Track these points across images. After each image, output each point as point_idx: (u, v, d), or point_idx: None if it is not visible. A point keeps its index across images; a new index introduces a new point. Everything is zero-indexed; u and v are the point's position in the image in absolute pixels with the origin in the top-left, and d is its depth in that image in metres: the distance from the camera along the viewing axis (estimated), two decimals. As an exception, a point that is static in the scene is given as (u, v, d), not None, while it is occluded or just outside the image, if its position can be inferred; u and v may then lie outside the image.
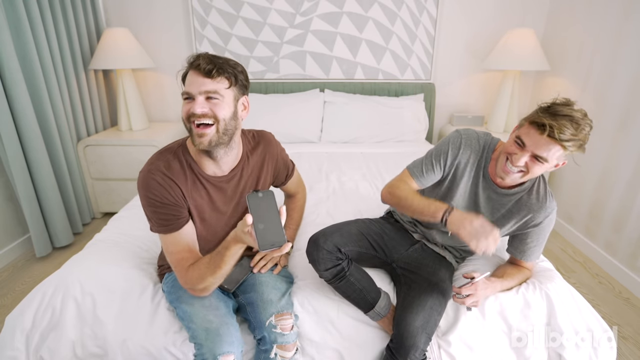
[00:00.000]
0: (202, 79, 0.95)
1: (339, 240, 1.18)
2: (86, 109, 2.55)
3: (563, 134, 0.95)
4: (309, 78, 2.89)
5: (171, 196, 1.02)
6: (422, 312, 1.12)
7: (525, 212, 1.14)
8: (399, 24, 2.76)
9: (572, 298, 1.23)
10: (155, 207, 1.02)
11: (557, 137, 0.95)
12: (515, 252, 1.24)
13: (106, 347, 1.15)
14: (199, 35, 2.76)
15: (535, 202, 1.13)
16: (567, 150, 0.98)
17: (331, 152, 2.52)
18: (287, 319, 1.09)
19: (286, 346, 1.07)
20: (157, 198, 1.01)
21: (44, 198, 2.15)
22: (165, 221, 1.03)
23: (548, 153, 0.99)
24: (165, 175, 1.01)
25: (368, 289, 1.20)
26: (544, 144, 0.98)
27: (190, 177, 1.06)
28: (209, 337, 0.99)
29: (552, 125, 0.95)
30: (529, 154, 1.01)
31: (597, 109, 2.21)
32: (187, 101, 0.98)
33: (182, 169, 1.05)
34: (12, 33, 1.95)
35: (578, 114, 0.98)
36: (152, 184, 1.00)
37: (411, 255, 1.31)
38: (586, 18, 2.34)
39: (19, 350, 1.13)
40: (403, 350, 1.09)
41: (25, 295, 1.20)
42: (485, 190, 1.18)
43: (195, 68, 0.95)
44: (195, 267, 1.02)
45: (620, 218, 2.04)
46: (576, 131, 0.96)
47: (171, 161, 1.04)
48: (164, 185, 1.01)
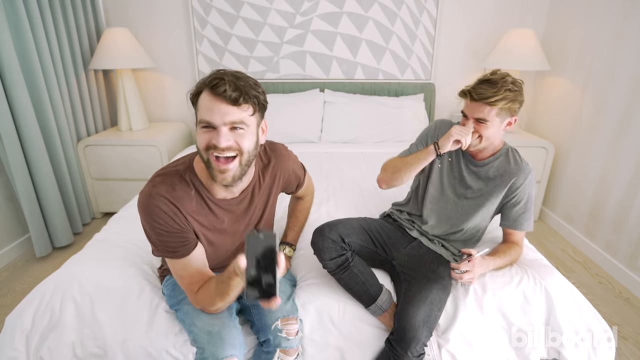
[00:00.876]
0: (226, 106, 0.84)
1: (343, 231, 1.23)
2: (86, 109, 2.55)
3: (482, 94, 1.13)
4: (309, 78, 2.89)
5: (176, 224, 0.93)
6: (424, 307, 1.13)
7: (507, 177, 1.27)
8: (399, 24, 2.76)
9: (571, 295, 1.23)
10: (160, 235, 0.94)
11: (478, 98, 1.14)
12: (508, 222, 1.31)
13: (106, 347, 1.15)
14: (199, 35, 2.76)
15: (514, 167, 1.27)
16: (496, 106, 1.14)
17: (331, 152, 2.52)
18: (293, 324, 1.09)
19: (289, 351, 1.08)
20: (162, 227, 0.92)
21: (44, 198, 2.15)
22: (171, 249, 0.96)
23: (483, 114, 1.16)
24: (169, 201, 0.92)
25: (370, 282, 1.23)
26: (475, 107, 1.18)
27: (197, 201, 0.97)
28: (212, 341, 0.98)
29: (469, 91, 1.16)
30: (471, 120, 1.20)
31: (597, 109, 2.21)
32: (206, 130, 0.87)
33: (187, 193, 0.95)
34: (12, 33, 1.95)
35: (497, 77, 1.15)
36: (154, 211, 0.91)
37: (410, 253, 1.34)
38: (586, 18, 2.34)
39: (19, 350, 1.13)
40: (404, 343, 1.10)
41: (25, 295, 1.20)
42: (466, 166, 1.33)
43: (219, 94, 0.83)
44: (205, 292, 0.97)
45: (620, 218, 2.04)
46: (495, 89, 1.12)
47: (176, 185, 0.94)
48: (168, 213, 0.91)
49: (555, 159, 2.58)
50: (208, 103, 0.85)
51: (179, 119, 3.03)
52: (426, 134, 1.37)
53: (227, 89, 0.83)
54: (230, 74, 0.86)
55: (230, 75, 0.86)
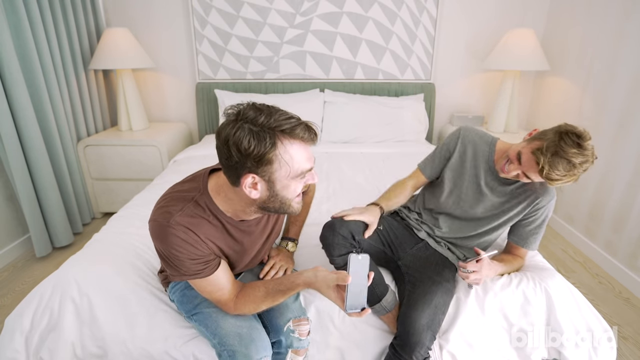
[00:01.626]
0: (310, 150, 0.85)
1: (354, 228, 1.21)
2: (86, 109, 2.55)
3: (552, 174, 1.04)
4: (309, 78, 2.89)
5: (198, 250, 0.89)
6: (428, 310, 1.13)
7: (532, 196, 1.22)
8: (399, 24, 2.76)
9: (572, 295, 1.23)
10: (182, 263, 0.89)
11: (546, 176, 1.05)
12: (518, 239, 1.29)
13: (106, 347, 1.15)
14: (199, 35, 2.76)
15: (540, 187, 1.22)
16: (553, 184, 1.07)
17: (331, 152, 2.52)
18: (305, 325, 1.10)
19: (300, 351, 1.09)
20: (183, 255, 0.88)
21: (44, 198, 2.15)
22: (195, 272, 0.92)
23: (537, 179, 1.11)
24: (187, 229, 0.87)
25: (377, 281, 1.21)
26: (534, 172, 1.09)
27: (215, 226, 0.93)
28: (243, 342, 0.95)
29: (544, 168, 1.04)
30: (522, 170, 1.12)
31: (597, 109, 2.21)
32: (301, 178, 0.85)
33: (205, 219, 0.90)
34: (12, 33, 1.95)
35: (579, 158, 1.02)
36: (173, 240, 0.86)
37: (416, 254, 1.33)
38: (586, 18, 2.34)
39: (19, 352, 1.13)
40: (408, 348, 1.09)
41: (25, 295, 1.20)
42: (491, 180, 1.27)
43: (308, 140, 0.81)
44: (248, 299, 0.97)
45: (620, 218, 2.04)
46: (567, 173, 1.03)
47: (192, 211, 0.89)
48: (188, 241, 0.87)
49: (556, 159, 2.57)
50: (301, 150, 0.82)
51: (179, 119, 3.03)
52: (448, 143, 1.32)
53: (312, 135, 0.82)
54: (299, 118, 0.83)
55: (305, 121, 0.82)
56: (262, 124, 0.76)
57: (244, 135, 0.76)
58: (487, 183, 1.27)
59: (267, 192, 0.84)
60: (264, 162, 0.78)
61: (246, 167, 0.79)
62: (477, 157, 1.28)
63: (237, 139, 0.76)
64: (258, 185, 0.82)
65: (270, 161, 0.78)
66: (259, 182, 0.81)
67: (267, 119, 0.77)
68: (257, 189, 0.82)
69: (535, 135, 1.13)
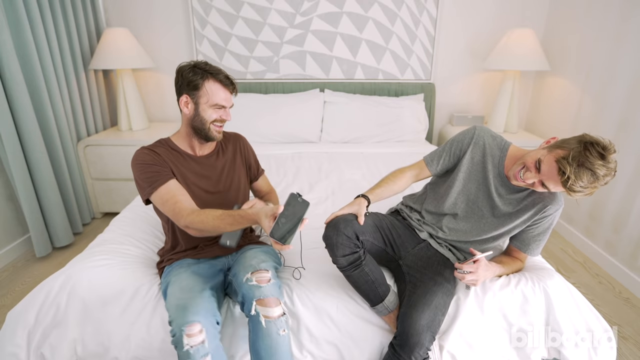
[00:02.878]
0: (229, 95, 1.26)
1: (358, 228, 1.19)
2: (86, 109, 2.55)
3: (575, 185, 1.00)
4: (309, 78, 2.89)
5: (156, 159, 1.20)
6: (428, 311, 1.12)
7: (541, 204, 1.20)
8: (399, 24, 2.76)
9: (571, 295, 1.23)
10: (144, 168, 1.17)
11: (569, 187, 1.01)
12: (521, 244, 1.28)
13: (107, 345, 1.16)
14: (199, 35, 2.76)
15: (548, 194, 1.20)
16: (574, 196, 1.03)
17: (331, 152, 2.52)
18: (263, 273, 1.11)
19: (265, 300, 1.05)
20: (145, 161, 1.18)
21: (44, 198, 2.15)
22: (152, 178, 1.16)
23: (555, 188, 1.07)
24: (152, 150, 1.23)
25: (380, 281, 1.21)
26: (555, 182, 1.05)
27: (174, 154, 1.27)
28: (177, 312, 1.01)
29: (570, 179, 1.00)
30: (540, 179, 1.08)
31: (597, 109, 2.21)
32: (216, 108, 1.23)
33: (167, 150, 1.27)
34: (12, 33, 1.95)
35: (602, 170, 0.99)
36: (139, 156, 1.20)
37: (417, 254, 1.32)
38: (586, 18, 2.34)
39: (20, 346, 1.14)
40: (407, 348, 1.09)
41: (26, 295, 1.21)
42: (500, 186, 1.25)
43: (227, 85, 1.23)
44: (201, 213, 1.10)
45: (620, 218, 2.04)
46: (589, 185, 1.00)
47: (157, 146, 1.27)
48: (149, 154, 1.20)
49: (555, 159, 2.58)
50: (218, 92, 1.22)
51: (179, 119, 3.02)
52: (461, 141, 1.29)
53: (229, 82, 1.24)
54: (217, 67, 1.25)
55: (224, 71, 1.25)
56: (201, 67, 1.21)
57: (188, 68, 1.21)
58: (496, 189, 1.24)
59: (192, 112, 1.24)
60: (193, 87, 1.20)
61: (184, 89, 1.22)
62: (486, 161, 1.25)
63: (183, 69, 1.22)
64: (189, 105, 1.23)
65: (197, 87, 1.20)
66: (189, 102, 1.23)
67: (205, 65, 1.22)
68: (187, 107, 1.23)
69: (556, 144, 1.09)
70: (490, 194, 1.25)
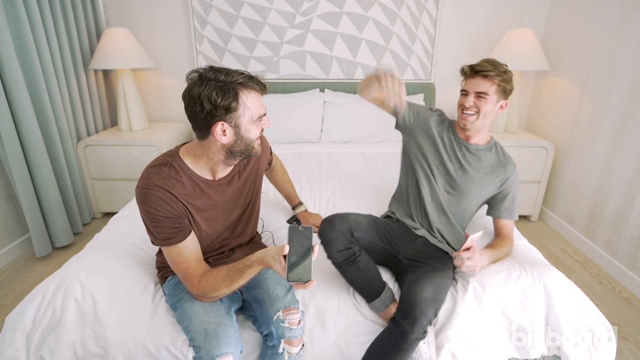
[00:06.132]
0: (261, 98, 1.04)
1: (353, 225, 1.23)
2: (86, 109, 2.55)
3: (485, 68, 1.26)
4: (309, 78, 2.89)
5: (173, 209, 1.01)
6: (431, 286, 1.14)
7: (500, 170, 1.37)
8: (399, 24, 2.76)
9: (571, 291, 1.23)
10: (158, 222, 1.01)
11: (481, 71, 1.26)
12: (501, 213, 1.40)
13: (106, 346, 1.15)
14: (199, 35, 2.76)
15: (502, 159, 1.38)
16: (496, 81, 1.25)
17: (331, 152, 2.52)
18: (294, 314, 1.11)
19: (293, 341, 1.09)
20: (160, 213, 1.00)
21: (44, 198, 2.15)
22: (168, 234, 1.02)
23: (484, 87, 1.27)
24: (164, 189, 1.00)
25: (375, 276, 1.23)
26: (477, 82, 1.28)
27: (189, 184, 1.06)
28: (207, 339, 0.99)
29: (473, 66, 1.29)
30: (472, 94, 1.29)
31: (597, 109, 2.21)
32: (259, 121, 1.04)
33: (179, 179, 1.04)
34: (12, 33, 1.95)
35: (493, 59, 1.29)
36: (152, 200, 0.99)
37: (416, 248, 1.35)
38: (586, 18, 2.34)
39: (19, 350, 1.13)
40: (412, 318, 1.10)
41: (25, 295, 1.20)
42: (460, 149, 1.39)
43: (261, 89, 1.03)
44: (210, 277, 1.02)
45: (620, 218, 2.04)
46: (494, 66, 1.26)
47: (170, 177, 1.02)
48: (165, 200, 0.99)
49: (555, 159, 2.58)
50: (258, 100, 1.02)
51: (179, 119, 3.03)
52: (425, 112, 1.48)
53: (259, 84, 1.02)
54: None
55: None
56: (224, 81, 0.95)
57: (212, 89, 0.93)
58: (464, 156, 1.38)
59: (234, 137, 1.01)
60: (230, 109, 0.96)
61: (216, 116, 0.96)
62: (443, 131, 1.42)
63: (207, 93, 0.93)
64: (227, 131, 0.99)
65: (235, 108, 0.97)
66: (227, 128, 0.99)
67: (226, 76, 0.95)
68: (226, 134, 0.99)
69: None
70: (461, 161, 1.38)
